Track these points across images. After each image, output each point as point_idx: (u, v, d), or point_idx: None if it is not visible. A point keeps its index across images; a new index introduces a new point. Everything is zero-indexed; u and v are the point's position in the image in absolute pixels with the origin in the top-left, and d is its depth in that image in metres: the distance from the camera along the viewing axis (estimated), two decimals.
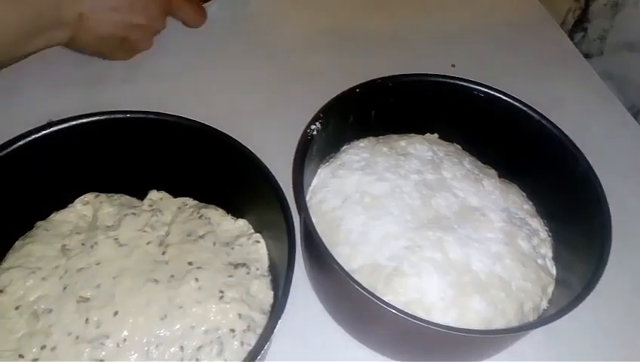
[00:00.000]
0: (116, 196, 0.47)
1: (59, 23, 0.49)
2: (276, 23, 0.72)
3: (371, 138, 0.51)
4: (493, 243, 0.45)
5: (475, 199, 0.47)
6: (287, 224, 0.40)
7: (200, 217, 0.47)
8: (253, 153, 0.44)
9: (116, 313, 0.39)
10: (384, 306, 0.37)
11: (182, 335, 0.39)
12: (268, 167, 0.43)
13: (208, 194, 0.48)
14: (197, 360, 0.39)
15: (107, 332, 0.39)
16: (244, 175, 0.45)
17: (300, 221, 0.45)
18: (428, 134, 0.52)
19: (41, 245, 0.43)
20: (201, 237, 0.45)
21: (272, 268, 0.45)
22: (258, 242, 0.46)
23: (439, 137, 0.53)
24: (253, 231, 0.47)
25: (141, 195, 0.48)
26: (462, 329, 0.39)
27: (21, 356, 0.38)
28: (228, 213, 0.48)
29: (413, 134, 0.51)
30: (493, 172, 0.51)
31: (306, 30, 0.71)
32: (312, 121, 0.45)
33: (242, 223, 0.47)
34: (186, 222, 0.46)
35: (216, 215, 0.47)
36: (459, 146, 0.52)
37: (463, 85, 0.49)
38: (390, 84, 0.48)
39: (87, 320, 0.39)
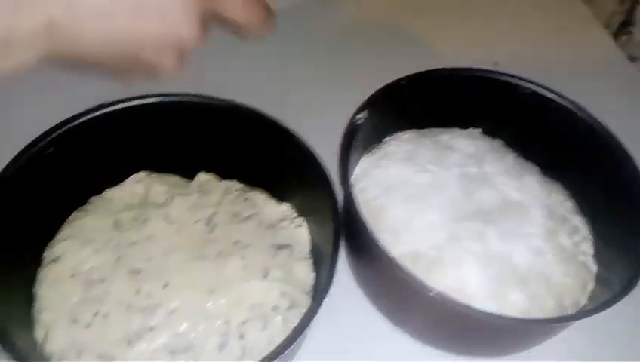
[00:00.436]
0: (166, 176, 0.49)
1: (18, 35, 0.31)
2: (322, 15, 0.73)
3: (414, 130, 0.52)
4: (534, 238, 0.45)
5: (516, 194, 0.48)
6: (333, 209, 0.42)
7: (245, 200, 0.48)
8: (302, 139, 0.45)
9: (166, 285, 0.41)
10: (428, 290, 0.37)
11: (227, 310, 0.41)
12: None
13: (253, 178, 0.50)
14: (242, 334, 0.40)
15: (157, 303, 0.40)
16: (291, 161, 0.46)
17: (343, 206, 0.46)
18: (471, 129, 0.53)
19: (94, 219, 0.45)
20: (247, 218, 0.47)
21: (314, 252, 0.46)
22: (300, 226, 0.47)
23: (482, 132, 0.53)
24: (296, 215, 0.48)
25: (190, 176, 0.50)
26: (505, 316, 0.40)
27: (75, 321, 0.40)
28: (272, 197, 0.49)
29: (456, 128, 0.52)
30: (535, 169, 0.51)
31: (353, 24, 0.72)
32: (359, 110, 0.46)
33: (285, 207, 0.49)
34: (232, 204, 0.48)
35: (260, 198, 0.49)
36: (502, 142, 0.52)
37: (509, 81, 0.50)
38: (437, 76, 0.49)
39: (138, 290, 0.41)
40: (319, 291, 0.42)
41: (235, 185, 0.50)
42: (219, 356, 0.39)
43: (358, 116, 0.46)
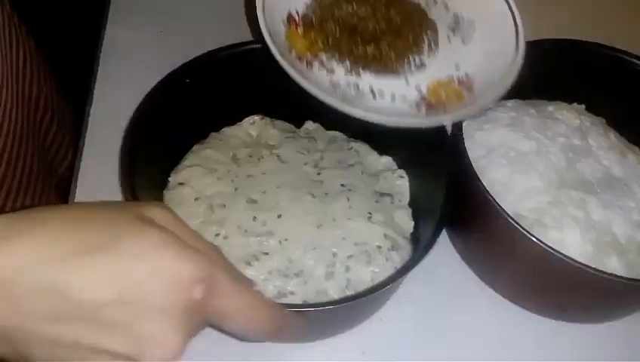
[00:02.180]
0: (278, 121, 0.53)
1: None
2: None
3: (518, 100, 0.53)
4: (635, 213, 0.46)
5: (619, 170, 0.48)
6: (446, 163, 0.44)
7: (349, 149, 0.51)
8: None
9: (279, 216, 0.45)
10: (533, 239, 0.39)
11: (334, 244, 0.44)
12: None
13: (355, 131, 0.53)
14: (347, 266, 0.43)
15: (271, 231, 0.44)
16: None
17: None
18: (575, 104, 0.53)
19: (215, 151, 0.49)
20: (351, 165, 0.50)
21: (412, 203, 0.49)
22: (402, 177, 0.50)
23: (585, 109, 0.54)
24: (396, 167, 0.51)
25: (297, 124, 0.53)
26: (609, 272, 0.40)
27: None
28: (373, 149, 0.52)
29: (560, 101, 0.53)
30: (637, 149, 0.52)
31: None
32: None
33: (387, 160, 0.51)
34: (337, 151, 0.51)
35: (363, 149, 0.52)
36: (604, 120, 0.53)
37: (621, 57, 0.50)
38: (550, 47, 0.50)
39: (254, 218, 0.44)
40: (423, 239, 0.45)
41: (339, 135, 0.53)
42: (325, 284, 0.43)
43: None
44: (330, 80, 0.46)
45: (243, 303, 0.29)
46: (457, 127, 0.45)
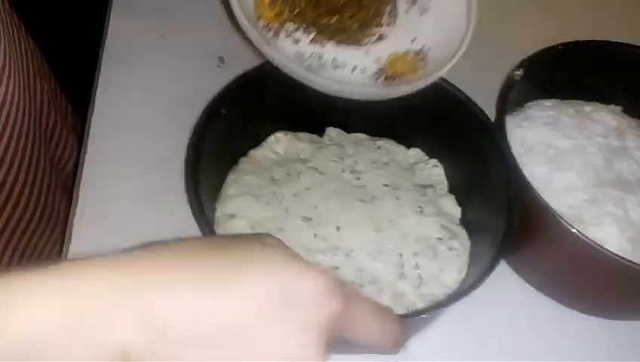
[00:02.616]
0: (300, 134, 0.52)
1: None
2: None
3: (556, 100, 0.54)
4: None
5: None
6: (499, 150, 0.45)
7: (378, 148, 0.52)
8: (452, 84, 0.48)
9: (338, 228, 0.44)
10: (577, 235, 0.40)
11: (398, 244, 0.44)
12: None
13: (377, 128, 0.53)
14: (416, 263, 0.44)
15: (335, 245, 0.44)
16: (426, 107, 0.49)
17: None
18: (612, 105, 0.55)
19: (253, 176, 0.48)
20: (386, 164, 0.50)
21: (451, 189, 0.50)
22: (437, 166, 0.51)
23: (622, 110, 0.55)
24: (427, 157, 0.52)
25: (317, 132, 0.53)
26: None
27: None
28: (399, 143, 0.53)
29: (597, 103, 0.54)
30: None
31: None
32: (517, 67, 0.49)
33: (415, 151, 0.52)
34: (367, 152, 0.51)
35: (390, 145, 0.52)
36: None
37: None
38: (591, 48, 0.51)
39: (315, 235, 0.44)
40: (472, 223, 0.46)
41: (362, 136, 0.53)
42: (400, 285, 0.43)
43: (516, 72, 0.49)
44: (295, 50, 0.48)
45: (372, 308, 0.29)
46: (500, 124, 0.46)
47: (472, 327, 0.47)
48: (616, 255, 0.40)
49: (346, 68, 0.48)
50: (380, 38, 0.50)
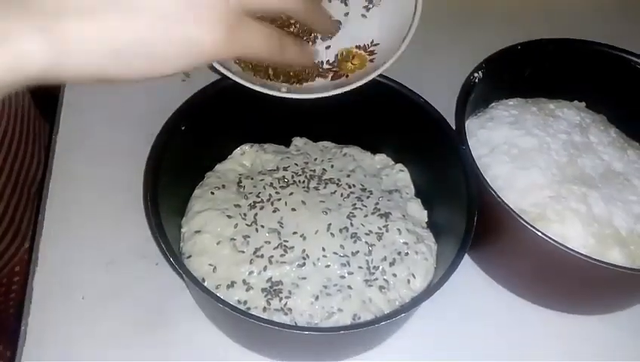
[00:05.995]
0: (266, 145, 0.52)
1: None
2: None
3: (520, 98, 0.55)
4: (635, 206, 0.48)
5: (619, 165, 0.50)
6: (458, 154, 0.46)
7: (344, 155, 0.52)
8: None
9: (305, 238, 0.45)
10: (538, 236, 0.41)
11: (365, 251, 0.45)
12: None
13: (342, 135, 0.53)
14: (383, 269, 0.44)
15: (303, 255, 0.44)
16: (391, 112, 0.49)
17: None
18: (576, 101, 0.55)
19: (219, 190, 0.48)
20: (352, 171, 0.50)
21: (418, 193, 0.51)
22: (402, 171, 0.51)
23: (586, 107, 0.56)
24: (393, 163, 0.52)
25: (284, 143, 0.53)
26: (607, 262, 0.41)
27: (233, 284, 0.43)
28: (364, 150, 0.53)
29: (561, 100, 0.55)
30: (637, 144, 0.54)
31: None
32: (476, 69, 0.50)
33: (381, 157, 0.53)
34: (333, 160, 0.51)
35: (356, 151, 0.53)
36: (604, 117, 0.55)
37: (622, 56, 0.52)
38: (552, 46, 0.52)
39: (282, 246, 0.44)
40: (438, 226, 0.47)
41: (328, 144, 0.53)
42: (368, 292, 0.43)
43: (475, 74, 0.49)
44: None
45: None
46: (459, 127, 0.47)
47: (444, 325, 0.47)
48: (574, 250, 0.41)
49: None
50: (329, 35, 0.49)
